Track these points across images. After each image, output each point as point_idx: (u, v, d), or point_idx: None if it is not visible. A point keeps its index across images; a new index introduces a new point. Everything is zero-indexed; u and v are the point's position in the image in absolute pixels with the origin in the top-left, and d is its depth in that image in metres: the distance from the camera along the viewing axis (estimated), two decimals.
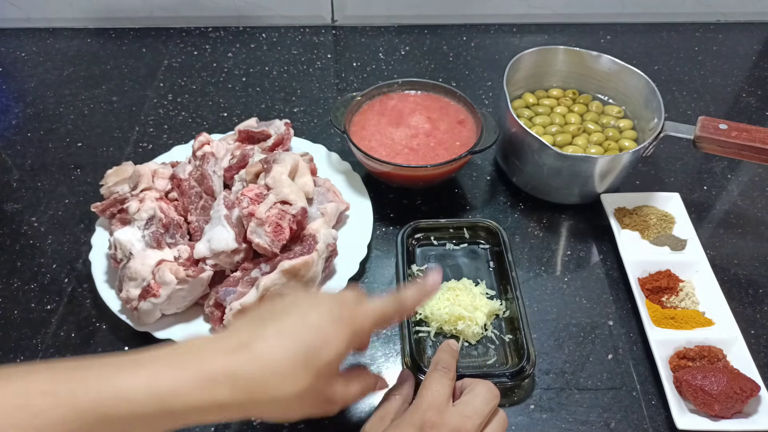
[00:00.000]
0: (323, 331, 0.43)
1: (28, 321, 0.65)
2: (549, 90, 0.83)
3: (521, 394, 0.59)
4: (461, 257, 0.70)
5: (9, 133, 0.87)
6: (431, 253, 0.70)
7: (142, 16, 1.05)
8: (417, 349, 0.60)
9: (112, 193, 0.70)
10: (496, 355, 0.61)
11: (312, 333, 0.42)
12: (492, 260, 0.69)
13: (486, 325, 0.63)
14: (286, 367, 0.40)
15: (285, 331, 0.42)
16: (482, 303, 0.63)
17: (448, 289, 0.64)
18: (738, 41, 1.04)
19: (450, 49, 1.03)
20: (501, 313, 0.64)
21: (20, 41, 1.03)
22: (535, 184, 0.76)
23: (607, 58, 0.78)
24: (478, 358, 0.61)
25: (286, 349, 0.41)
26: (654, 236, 0.70)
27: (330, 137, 0.85)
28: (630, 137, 0.76)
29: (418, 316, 0.63)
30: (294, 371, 0.41)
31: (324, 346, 0.42)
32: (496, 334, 0.63)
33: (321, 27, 1.07)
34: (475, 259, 0.70)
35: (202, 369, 0.39)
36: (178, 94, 0.93)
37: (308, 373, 0.41)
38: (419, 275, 0.68)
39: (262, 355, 0.40)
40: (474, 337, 0.62)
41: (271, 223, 0.62)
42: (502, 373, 0.58)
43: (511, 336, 0.62)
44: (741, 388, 0.54)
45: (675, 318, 0.63)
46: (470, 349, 0.62)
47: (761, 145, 0.66)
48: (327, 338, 0.43)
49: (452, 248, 0.71)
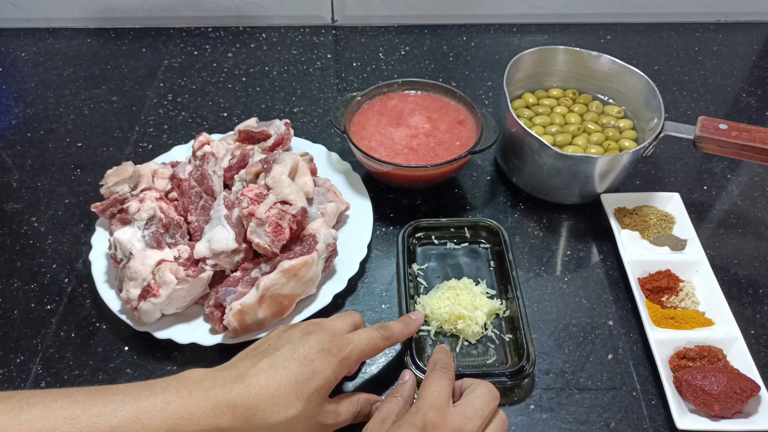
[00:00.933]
0: (311, 363, 0.48)
1: (28, 321, 0.65)
2: (549, 90, 0.83)
3: (521, 394, 0.59)
4: (462, 256, 0.70)
5: (9, 133, 0.87)
6: (432, 252, 0.70)
7: (142, 16, 1.05)
8: (417, 348, 0.60)
9: (112, 193, 0.70)
10: (496, 354, 0.61)
11: (301, 364, 0.48)
12: (493, 260, 0.69)
13: (486, 324, 0.63)
14: (277, 395, 0.46)
15: (277, 364, 0.48)
16: (482, 302, 0.63)
17: (449, 288, 0.64)
18: (738, 41, 1.04)
19: (450, 49, 1.03)
20: (501, 312, 0.64)
21: (20, 41, 1.03)
22: (535, 184, 0.76)
23: (607, 58, 0.78)
24: (477, 357, 0.61)
25: (277, 380, 0.47)
26: (654, 236, 0.70)
27: (330, 137, 0.85)
28: (630, 137, 0.76)
29: None
30: (285, 399, 0.46)
31: (312, 376, 0.48)
32: (496, 334, 0.63)
33: (321, 27, 1.07)
34: (475, 259, 0.70)
35: (207, 397, 0.45)
36: (178, 94, 0.93)
37: (299, 400, 0.47)
38: (420, 274, 0.68)
39: (257, 386, 0.46)
40: (474, 337, 0.62)
41: (271, 223, 0.62)
42: (501, 372, 0.58)
43: (511, 335, 0.62)
44: (741, 388, 0.54)
45: (675, 318, 0.63)
46: (470, 348, 0.62)
47: (761, 145, 0.66)
48: (315, 369, 0.48)
49: (453, 247, 0.71)
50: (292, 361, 0.48)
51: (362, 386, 0.60)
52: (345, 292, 0.66)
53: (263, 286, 0.59)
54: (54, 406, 0.42)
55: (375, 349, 0.53)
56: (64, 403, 0.42)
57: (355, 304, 0.67)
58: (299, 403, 0.47)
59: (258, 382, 0.46)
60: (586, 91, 0.82)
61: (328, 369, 0.48)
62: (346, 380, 0.60)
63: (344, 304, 0.67)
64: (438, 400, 0.48)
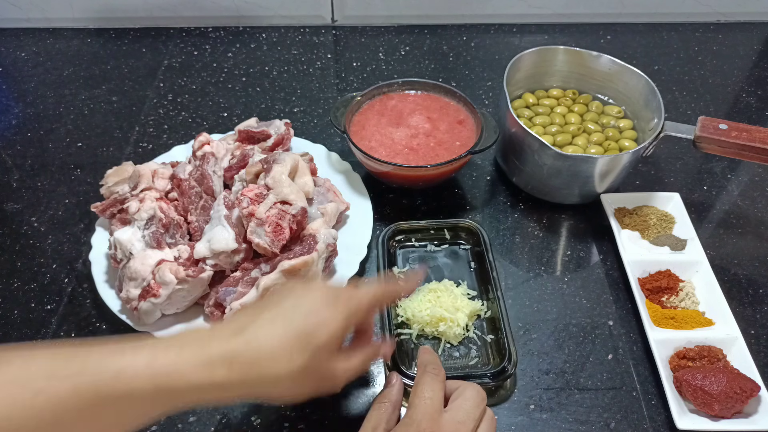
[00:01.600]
0: (317, 314, 0.45)
1: (28, 321, 0.65)
2: (549, 90, 0.83)
3: (520, 394, 0.59)
4: (442, 258, 0.70)
5: (9, 133, 0.87)
6: (412, 254, 0.70)
7: (142, 16, 1.05)
8: (399, 352, 0.59)
9: (112, 193, 0.70)
10: (478, 355, 0.61)
11: (305, 317, 0.45)
12: (473, 261, 0.69)
13: (468, 325, 0.63)
14: (279, 349, 0.43)
15: (279, 316, 0.45)
16: (463, 304, 0.63)
17: (430, 290, 0.64)
18: (738, 41, 1.04)
19: (450, 49, 1.03)
20: (482, 313, 0.64)
21: (20, 41, 1.03)
22: (535, 184, 0.76)
23: (607, 58, 0.78)
24: (460, 359, 0.61)
25: (278, 333, 0.44)
26: (654, 236, 0.70)
27: (330, 137, 0.85)
28: (630, 137, 0.76)
29: (400, 318, 0.63)
30: (288, 353, 0.43)
31: (318, 329, 0.44)
32: (478, 335, 0.63)
33: (321, 27, 1.07)
34: (456, 260, 0.70)
35: (200, 352, 0.42)
36: (178, 94, 0.93)
37: (303, 354, 0.43)
38: (400, 277, 0.67)
39: (256, 339, 0.43)
40: (456, 338, 0.62)
41: (271, 223, 0.62)
42: (483, 373, 0.57)
43: (493, 336, 0.62)
44: (741, 388, 0.54)
45: (675, 318, 0.63)
46: (452, 350, 0.62)
47: (761, 145, 0.66)
48: (321, 320, 0.45)
49: (433, 249, 0.71)
50: (295, 313, 0.45)
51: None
52: None
53: (263, 286, 0.59)
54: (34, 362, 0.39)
55: (382, 301, 0.50)
56: (46, 358, 0.39)
57: None
58: (304, 356, 0.43)
59: (257, 335, 0.43)
60: (586, 91, 0.82)
61: (337, 320, 0.45)
62: None
63: None
64: (431, 408, 0.47)
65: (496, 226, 0.75)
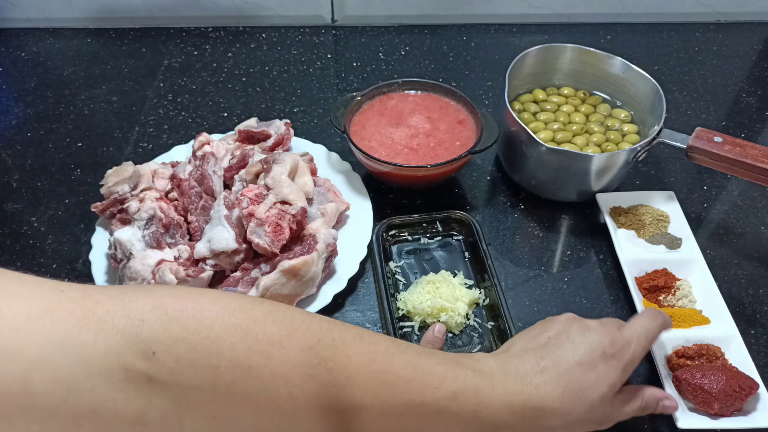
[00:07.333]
0: (595, 368, 0.47)
1: None
2: (561, 88, 0.83)
3: None
4: (437, 250, 0.71)
5: (9, 133, 0.87)
6: (407, 248, 0.71)
7: (142, 16, 1.05)
8: None
9: (112, 193, 0.70)
10: (481, 342, 0.63)
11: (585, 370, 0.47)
12: (467, 251, 0.70)
13: (468, 314, 0.64)
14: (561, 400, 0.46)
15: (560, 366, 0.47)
16: (462, 293, 0.64)
17: (428, 282, 0.65)
18: (738, 41, 1.04)
19: (450, 49, 1.03)
20: (481, 301, 0.65)
21: (20, 41, 1.03)
22: (534, 182, 0.76)
23: (621, 61, 0.78)
24: (463, 347, 0.62)
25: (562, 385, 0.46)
26: (650, 235, 0.71)
27: (330, 137, 0.85)
28: (632, 141, 0.76)
29: (401, 312, 0.64)
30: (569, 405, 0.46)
31: (596, 383, 0.47)
32: (479, 323, 0.64)
33: (321, 27, 1.07)
34: (450, 251, 0.71)
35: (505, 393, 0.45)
36: (178, 94, 0.93)
37: (581, 405, 0.46)
38: (397, 272, 0.68)
39: (544, 389, 0.46)
40: (457, 327, 0.63)
41: (271, 223, 0.62)
42: None
43: (493, 323, 0.64)
44: (740, 386, 0.54)
45: (672, 316, 0.63)
46: (455, 339, 0.63)
47: (753, 162, 0.66)
48: (599, 375, 0.47)
49: (427, 242, 0.71)
50: (574, 364, 0.47)
51: None
52: (345, 292, 0.66)
53: (263, 286, 0.59)
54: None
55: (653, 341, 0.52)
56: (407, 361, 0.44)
57: (355, 304, 0.67)
58: (581, 408, 0.46)
59: (545, 384, 0.46)
60: (598, 93, 0.82)
61: (613, 375, 0.48)
62: None
63: (344, 304, 0.67)
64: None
65: (496, 226, 0.75)
